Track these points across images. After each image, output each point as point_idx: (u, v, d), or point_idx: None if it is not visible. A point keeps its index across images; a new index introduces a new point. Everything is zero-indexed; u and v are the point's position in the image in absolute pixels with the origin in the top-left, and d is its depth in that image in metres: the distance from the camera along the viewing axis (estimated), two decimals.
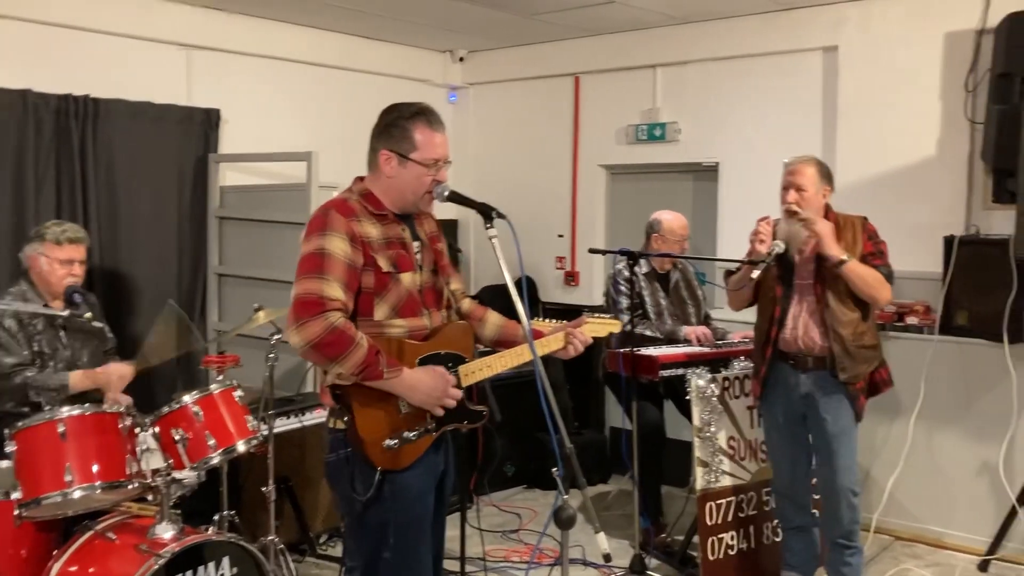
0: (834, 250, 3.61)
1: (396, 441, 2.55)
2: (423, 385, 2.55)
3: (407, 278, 2.62)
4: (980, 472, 4.71)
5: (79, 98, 4.88)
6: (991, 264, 4.50)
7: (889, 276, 3.70)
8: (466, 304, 2.93)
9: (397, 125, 2.63)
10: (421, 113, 2.63)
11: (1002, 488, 4.57)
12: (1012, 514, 4.47)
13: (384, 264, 2.57)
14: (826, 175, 3.76)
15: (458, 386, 2.65)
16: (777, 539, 4.21)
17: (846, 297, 3.66)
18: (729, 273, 4.11)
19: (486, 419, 2.80)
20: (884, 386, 3.85)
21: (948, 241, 4.67)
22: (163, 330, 3.78)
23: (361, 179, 2.72)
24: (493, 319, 2.93)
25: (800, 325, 3.74)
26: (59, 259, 3.63)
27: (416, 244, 2.70)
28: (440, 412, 2.60)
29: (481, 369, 2.71)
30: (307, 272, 2.47)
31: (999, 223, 4.60)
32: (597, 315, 3.09)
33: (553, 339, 2.85)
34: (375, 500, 2.57)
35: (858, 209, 4.68)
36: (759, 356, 3.90)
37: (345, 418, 2.55)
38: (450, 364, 2.66)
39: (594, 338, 2.98)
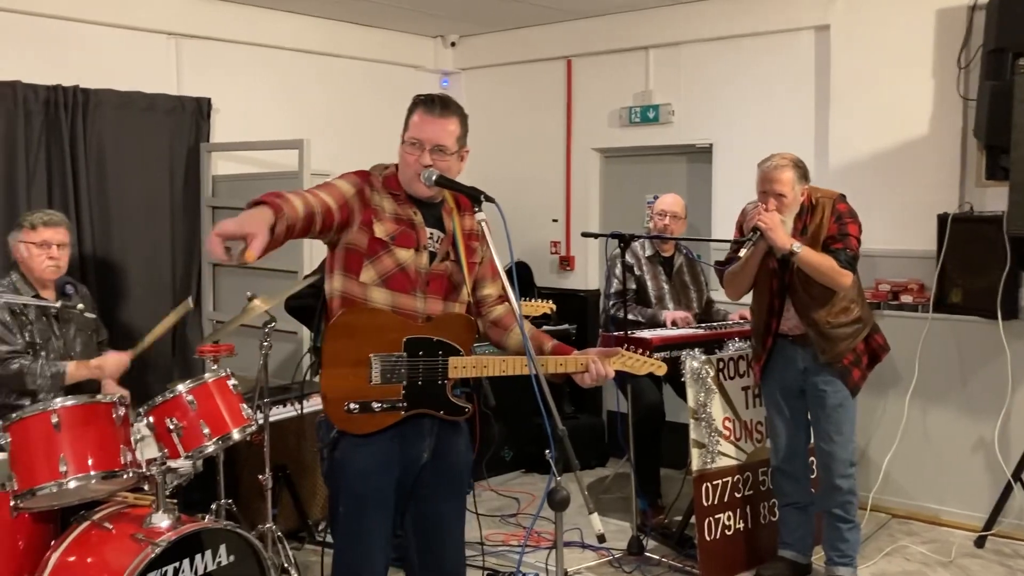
0: (781, 241, 3.62)
1: (357, 406, 2.59)
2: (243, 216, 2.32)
3: (403, 253, 2.64)
4: (975, 449, 4.73)
5: (69, 89, 4.86)
6: (985, 241, 4.51)
7: (849, 260, 3.68)
8: (499, 310, 2.89)
9: (408, 111, 2.69)
10: (425, 100, 2.67)
11: (997, 464, 4.59)
12: (1008, 490, 4.49)
13: (379, 231, 2.61)
14: (803, 174, 3.76)
15: (443, 376, 2.66)
16: (774, 519, 4.23)
17: (814, 282, 3.69)
18: (719, 263, 4.12)
19: (468, 415, 2.76)
20: (882, 352, 3.89)
21: (942, 219, 4.67)
22: (169, 323, 3.77)
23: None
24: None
25: (791, 314, 3.81)
26: (35, 243, 3.62)
27: (432, 231, 2.70)
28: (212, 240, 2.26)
29: (474, 366, 2.68)
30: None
31: (992, 200, 4.59)
32: (637, 352, 2.88)
33: (571, 360, 2.73)
34: (330, 461, 2.68)
35: (851, 188, 4.67)
36: (759, 345, 3.93)
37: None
38: (440, 352, 2.66)
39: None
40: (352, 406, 2.59)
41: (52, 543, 3.11)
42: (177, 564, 3.02)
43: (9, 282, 3.63)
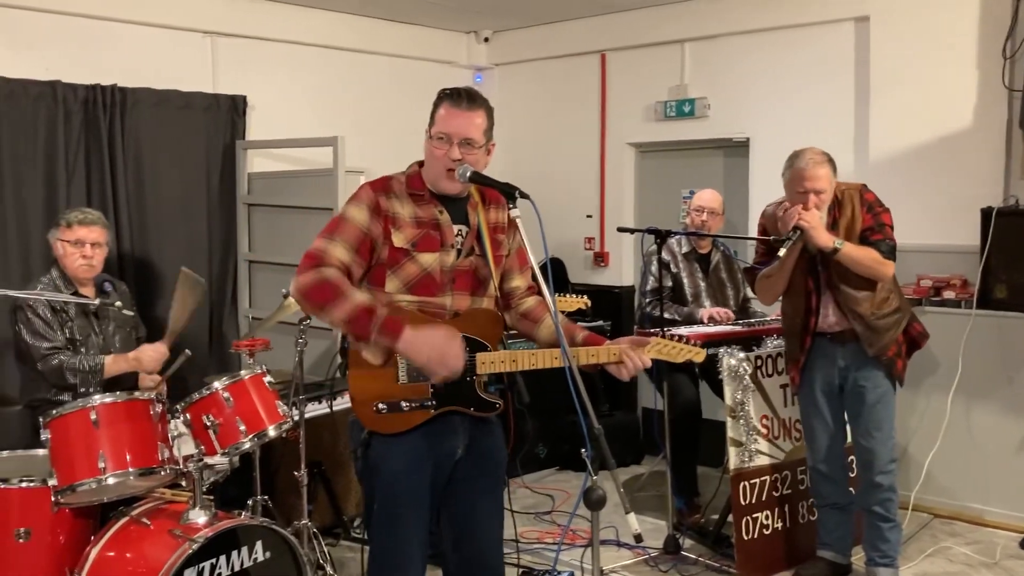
0: (824, 240, 3.57)
1: (386, 406, 2.58)
2: (424, 340, 2.50)
3: (427, 258, 2.62)
4: (1020, 447, 4.62)
5: (107, 88, 4.91)
6: None
7: (891, 250, 3.65)
8: (529, 302, 2.87)
9: (434, 105, 2.67)
10: (451, 94, 2.65)
11: None
12: None
13: (399, 240, 2.60)
14: (835, 167, 3.70)
15: (472, 372, 2.63)
16: (813, 518, 4.16)
17: (854, 275, 3.63)
18: (749, 269, 4.06)
19: (499, 410, 2.73)
20: (922, 339, 3.85)
21: (985, 213, 4.56)
22: (181, 296, 3.77)
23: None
24: (552, 321, 2.81)
25: (829, 311, 3.74)
26: (70, 241, 3.65)
27: (458, 227, 2.69)
28: (440, 373, 2.52)
29: (503, 361, 2.65)
30: (322, 232, 2.62)
31: None
32: (672, 338, 2.82)
33: (604, 350, 2.68)
34: (364, 461, 2.67)
35: (892, 182, 4.61)
36: (797, 346, 3.86)
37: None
38: (467, 348, 2.63)
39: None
40: (381, 406, 2.58)
41: (92, 538, 3.14)
42: (214, 560, 3.03)
43: (49, 279, 3.67)
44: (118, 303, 3.63)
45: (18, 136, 4.64)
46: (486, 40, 6.76)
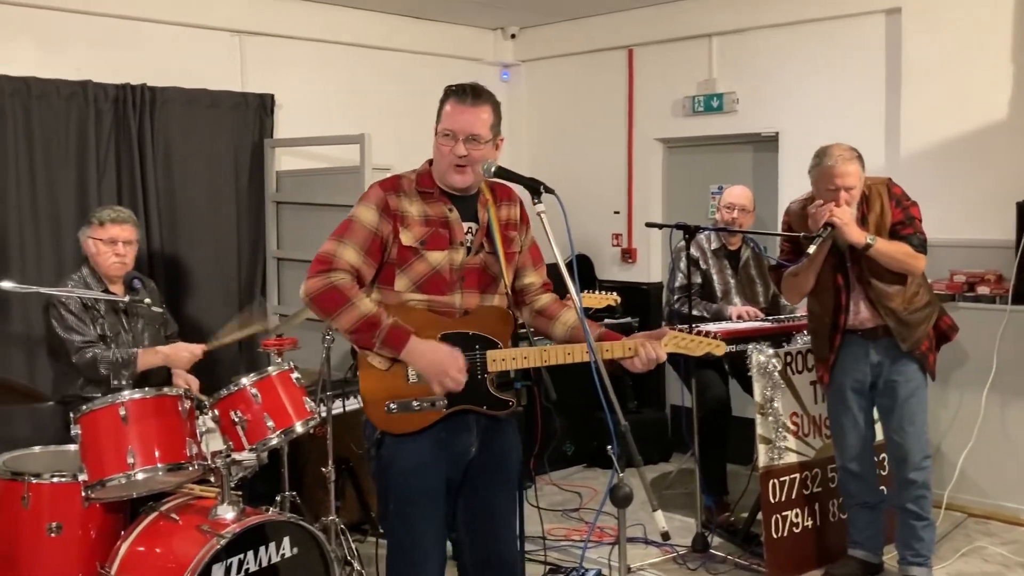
0: (856, 236, 3.52)
1: (396, 406, 2.58)
2: (426, 357, 2.54)
3: (436, 256, 2.62)
4: None
5: (137, 87, 4.96)
6: None
7: (922, 244, 3.60)
8: (544, 299, 2.85)
9: (440, 102, 2.67)
10: (457, 90, 2.64)
11: None
12: None
13: (407, 239, 2.60)
14: (863, 162, 3.65)
15: (483, 370, 2.63)
16: (843, 516, 4.11)
17: (885, 271, 3.58)
18: (774, 268, 4.01)
19: (512, 409, 2.72)
20: (952, 332, 3.81)
21: (1021, 207, 4.48)
22: (246, 325, 3.83)
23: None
24: (568, 318, 2.80)
25: (860, 308, 3.69)
26: (102, 239, 3.68)
27: (467, 225, 2.68)
28: (438, 390, 2.56)
29: (514, 358, 2.64)
30: (333, 234, 2.64)
31: None
32: (690, 331, 2.78)
33: (618, 345, 2.65)
34: (377, 460, 2.67)
35: (924, 176, 4.55)
36: (826, 345, 3.82)
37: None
38: (477, 346, 2.63)
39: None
40: (392, 406, 2.59)
41: (122, 533, 3.17)
42: (242, 556, 3.05)
43: (80, 277, 3.71)
44: (147, 300, 3.67)
45: (50, 136, 4.69)
46: (513, 36, 6.75)
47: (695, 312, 4.47)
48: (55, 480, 3.09)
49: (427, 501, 2.65)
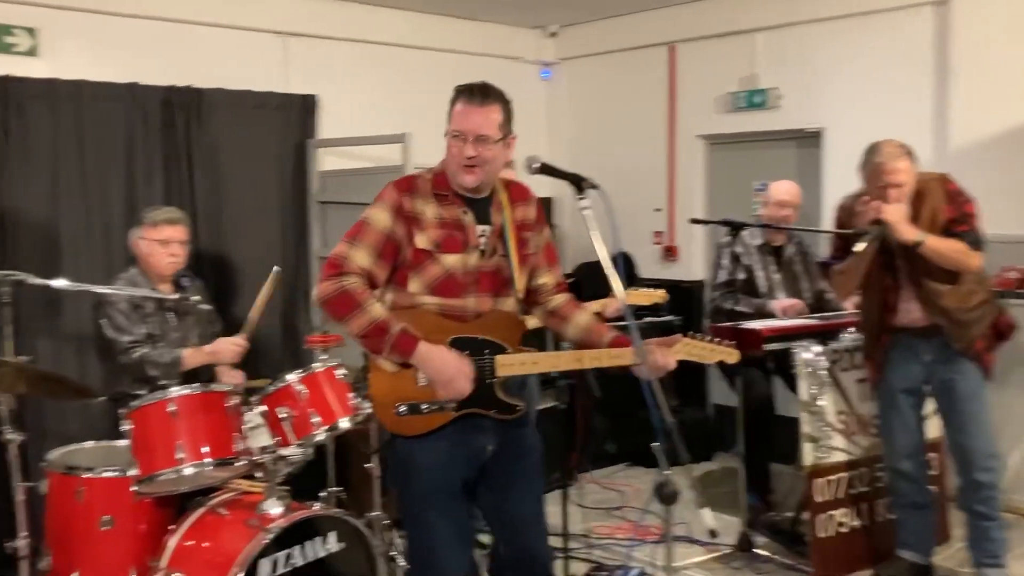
0: (907, 235, 3.45)
1: (406, 408, 2.60)
2: (434, 364, 2.56)
3: (451, 259, 2.63)
4: None
5: (183, 89, 5.02)
6: None
7: (976, 242, 3.50)
8: (558, 300, 2.86)
9: (450, 103, 2.69)
10: (464, 91, 2.65)
11: None
12: None
13: (422, 242, 2.61)
14: (914, 158, 3.57)
15: (491, 375, 2.64)
16: (892, 516, 4.05)
17: (936, 269, 3.50)
18: (824, 264, 3.96)
19: (520, 413, 2.72)
20: (1009, 331, 3.70)
21: None
22: (268, 293, 3.86)
23: None
24: (580, 319, 2.83)
25: (911, 306, 3.62)
26: (157, 240, 3.74)
27: (481, 228, 2.68)
28: (443, 396, 2.58)
29: (523, 363, 2.65)
30: (346, 236, 2.66)
31: None
32: (702, 338, 2.77)
33: (627, 352, 2.65)
34: (393, 461, 2.71)
35: (974, 170, 4.45)
36: (874, 343, 3.76)
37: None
38: (486, 350, 2.64)
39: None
40: (402, 408, 2.61)
41: (171, 527, 3.22)
42: (289, 550, 3.08)
43: (129, 276, 3.77)
44: (195, 297, 3.71)
45: (100, 137, 4.77)
46: (553, 35, 6.74)
47: (738, 308, 4.43)
48: (107, 475, 3.15)
49: (445, 498, 2.66)
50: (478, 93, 2.62)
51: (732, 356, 2.78)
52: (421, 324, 2.60)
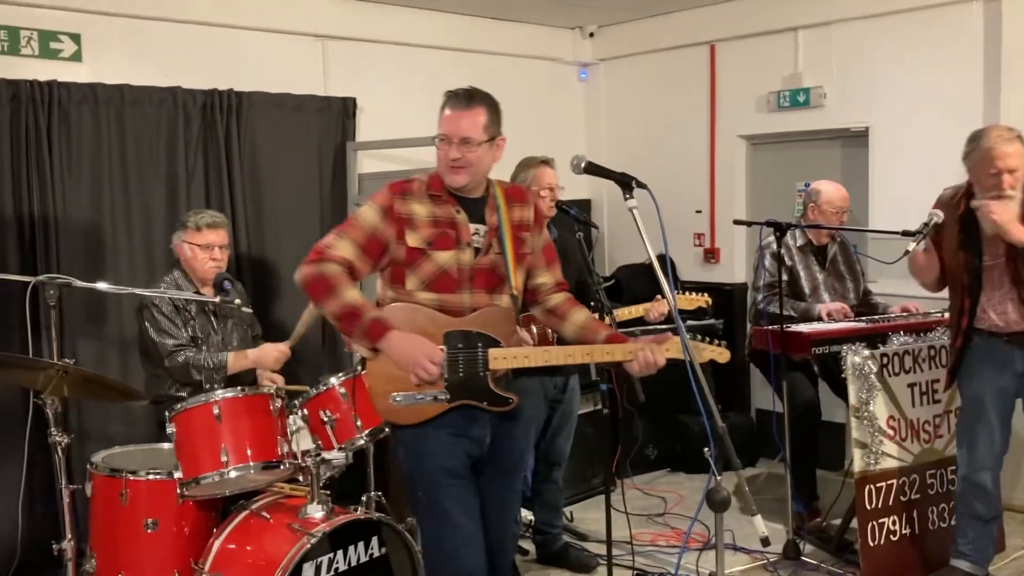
0: (1017, 235, 3.30)
1: (401, 399, 2.66)
2: (396, 347, 2.63)
3: (443, 256, 2.70)
4: None
5: (223, 92, 5.04)
6: None
7: None
8: (556, 299, 2.94)
9: (440, 107, 2.77)
10: (451, 95, 2.75)
11: None
12: None
13: (414, 240, 2.70)
14: None
15: (484, 368, 2.68)
16: (944, 524, 3.95)
17: None
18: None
19: (512, 407, 2.76)
20: None
21: None
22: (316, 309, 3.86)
23: None
24: (578, 318, 2.89)
25: (998, 308, 3.47)
26: (199, 244, 3.76)
27: (475, 226, 2.75)
28: (414, 380, 2.64)
29: (515, 357, 2.70)
30: (336, 228, 2.78)
31: None
32: (693, 337, 2.72)
33: (620, 348, 2.72)
34: (398, 451, 2.77)
35: None
36: (951, 345, 3.67)
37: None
38: (479, 344, 2.69)
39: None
40: (397, 398, 2.67)
41: (214, 530, 3.22)
42: (331, 555, 3.07)
43: (172, 279, 3.79)
44: (237, 300, 3.72)
45: (142, 141, 4.80)
46: (591, 35, 6.69)
47: (786, 312, 4.35)
48: (151, 477, 3.16)
49: (454, 480, 2.72)
50: (463, 97, 2.72)
51: (723, 356, 2.78)
52: (415, 318, 2.69)
